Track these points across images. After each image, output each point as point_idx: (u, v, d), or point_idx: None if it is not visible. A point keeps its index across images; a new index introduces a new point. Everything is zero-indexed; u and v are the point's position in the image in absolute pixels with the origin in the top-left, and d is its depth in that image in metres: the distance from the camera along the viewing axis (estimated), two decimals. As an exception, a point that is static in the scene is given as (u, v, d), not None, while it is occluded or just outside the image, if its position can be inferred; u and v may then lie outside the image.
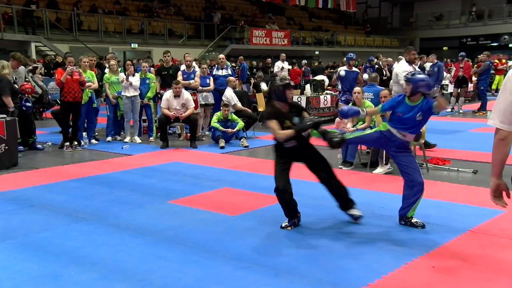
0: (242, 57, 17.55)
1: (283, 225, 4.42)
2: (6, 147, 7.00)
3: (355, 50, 30.02)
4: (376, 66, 14.82)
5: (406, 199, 4.47)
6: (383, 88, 7.70)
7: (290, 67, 16.44)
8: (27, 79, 9.21)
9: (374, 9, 38.32)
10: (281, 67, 15.69)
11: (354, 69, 10.40)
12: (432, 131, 7.63)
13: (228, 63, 11.44)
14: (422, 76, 4.38)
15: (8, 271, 3.50)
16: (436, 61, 13.43)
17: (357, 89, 7.21)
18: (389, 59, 15.52)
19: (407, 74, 4.52)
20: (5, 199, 5.41)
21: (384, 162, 6.63)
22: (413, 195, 4.40)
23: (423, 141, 6.87)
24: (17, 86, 8.11)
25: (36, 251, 3.87)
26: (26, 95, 8.38)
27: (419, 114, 4.35)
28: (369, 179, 6.36)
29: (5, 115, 7.20)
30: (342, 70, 10.21)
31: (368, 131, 4.70)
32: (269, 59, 17.65)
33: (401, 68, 7.97)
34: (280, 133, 4.24)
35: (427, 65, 14.78)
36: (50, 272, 3.48)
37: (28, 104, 8.22)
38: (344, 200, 4.57)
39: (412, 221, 4.47)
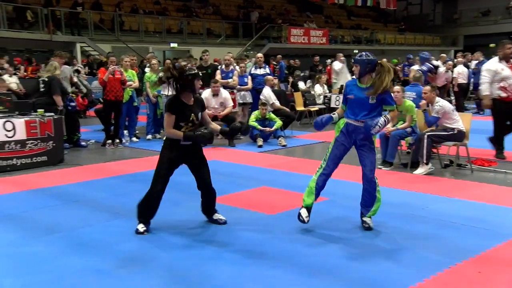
0: (280, 56, 17.49)
1: (141, 230, 4.23)
2: (54, 144, 7.26)
3: (395, 49, 29.46)
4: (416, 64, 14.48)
5: (363, 197, 4.38)
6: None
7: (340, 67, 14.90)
8: (74, 79, 9.52)
9: (415, 6, 37.41)
10: (338, 68, 14.17)
11: (423, 67, 9.77)
12: (476, 131, 7.37)
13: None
14: (370, 57, 4.16)
15: (53, 264, 3.63)
16: (482, 58, 12.99)
17: (396, 88, 7.06)
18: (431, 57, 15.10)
19: (357, 55, 4.28)
20: (51, 194, 5.61)
21: (425, 162, 6.46)
22: (371, 189, 4.30)
23: (467, 142, 6.65)
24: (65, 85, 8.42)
25: (79, 245, 3.99)
26: (70, 94, 8.67)
27: (371, 97, 4.14)
28: (409, 180, 6.22)
29: (53, 114, 7.46)
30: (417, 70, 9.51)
31: (329, 148, 4.43)
32: (317, 57, 16.95)
33: (488, 66, 7.33)
34: (170, 131, 4.16)
35: (472, 63, 14.31)
36: (92, 266, 3.58)
37: (72, 104, 8.50)
38: (210, 207, 4.52)
39: (364, 219, 4.39)
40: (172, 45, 21.65)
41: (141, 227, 4.28)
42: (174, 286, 3.27)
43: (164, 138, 4.37)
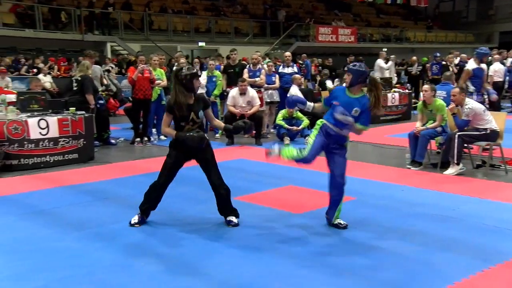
0: (305, 54, 17.38)
1: (132, 222, 4.41)
2: (84, 142, 7.42)
3: (426, 47, 28.86)
4: (443, 62, 14.16)
5: (331, 201, 4.34)
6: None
7: (388, 65, 14.22)
8: (104, 78, 9.72)
9: (447, 3, 36.51)
10: (382, 67, 13.61)
11: (482, 65, 8.91)
12: (510, 130, 7.16)
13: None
14: (363, 69, 4.16)
15: (84, 259, 3.71)
16: (519, 56, 12.61)
17: (426, 86, 6.92)
18: (462, 55, 14.77)
19: (351, 64, 4.26)
20: (82, 191, 5.73)
21: (455, 162, 6.31)
22: (338, 195, 4.28)
23: (501, 141, 6.47)
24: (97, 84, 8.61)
25: (109, 241, 4.07)
26: (100, 93, 8.84)
27: (355, 109, 4.11)
28: (439, 180, 6.09)
29: (84, 112, 7.63)
30: (474, 68, 8.66)
31: (312, 137, 4.32)
32: (352, 56, 16.66)
33: None
34: (165, 130, 4.31)
35: (508, 61, 13.93)
36: (121, 262, 3.65)
37: (101, 101, 8.67)
38: (225, 207, 4.49)
39: (335, 223, 4.34)
40: (200, 44, 21.82)
41: (133, 220, 4.43)
42: (201, 284, 3.29)
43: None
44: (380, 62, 14.01)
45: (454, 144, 6.27)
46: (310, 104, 4.48)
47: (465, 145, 6.47)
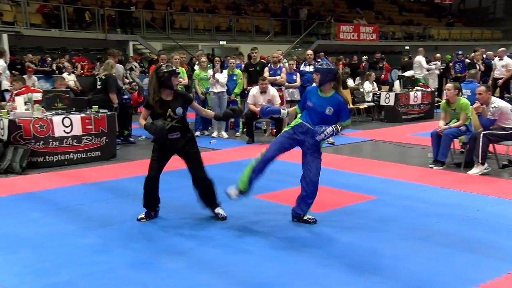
0: (322, 53, 17.24)
1: (139, 217, 4.53)
2: (107, 140, 7.53)
3: (450, 44, 28.31)
4: (468, 60, 13.88)
5: (304, 200, 4.36)
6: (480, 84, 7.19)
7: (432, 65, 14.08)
8: (126, 76, 9.83)
9: (473, -1, 35.76)
10: (423, 64, 13.29)
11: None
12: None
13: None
14: (330, 67, 4.30)
15: (107, 255, 3.76)
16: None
17: (449, 85, 6.80)
18: (488, 52, 14.46)
19: (318, 64, 4.37)
20: (105, 188, 5.82)
21: (480, 162, 6.19)
22: (311, 197, 4.34)
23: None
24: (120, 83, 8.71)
25: (131, 238, 4.12)
26: (124, 88, 8.93)
27: (328, 108, 4.20)
28: (463, 180, 5.98)
29: (106, 110, 7.73)
30: None
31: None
32: (379, 54, 16.14)
33: None
34: (140, 121, 4.44)
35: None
36: (143, 259, 3.69)
37: (125, 96, 8.75)
38: (210, 201, 4.59)
39: (305, 218, 4.40)
40: (221, 42, 21.89)
41: (140, 216, 4.56)
42: (221, 282, 3.31)
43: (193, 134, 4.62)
44: (421, 59, 13.62)
45: (479, 144, 6.15)
46: (284, 112, 4.65)
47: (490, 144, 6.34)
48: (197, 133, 9.71)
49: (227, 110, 4.82)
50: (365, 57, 16.75)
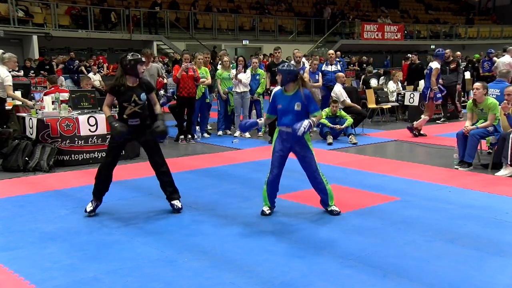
0: (339, 52, 17.10)
1: (87, 209, 4.68)
2: (131, 139, 7.62)
3: (478, 43, 27.73)
4: (496, 59, 13.53)
5: (322, 192, 4.66)
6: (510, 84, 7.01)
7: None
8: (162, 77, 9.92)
9: (504, -5, 34.77)
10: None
11: None
12: None
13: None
14: (291, 68, 4.52)
15: (131, 253, 3.82)
16: None
17: (477, 84, 6.66)
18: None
19: (281, 65, 4.60)
20: (128, 186, 5.90)
21: (509, 163, 6.05)
22: (323, 187, 4.61)
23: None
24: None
25: (155, 236, 4.17)
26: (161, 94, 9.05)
27: (296, 104, 4.45)
28: (491, 182, 5.86)
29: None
30: None
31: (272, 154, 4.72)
32: (415, 54, 15.23)
33: None
34: (104, 109, 4.71)
35: None
36: (167, 257, 3.73)
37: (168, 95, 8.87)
38: (168, 191, 4.80)
39: (329, 209, 4.66)
40: (244, 42, 21.95)
41: (88, 207, 4.71)
42: (245, 281, 3.32)
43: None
44: (506, 58, 11.98)
45: (508, 145, 6.01)
46: (261, 123, 5.20)
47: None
48: (220, 132, 9.75)
49: (153, 128, 4.66)
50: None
